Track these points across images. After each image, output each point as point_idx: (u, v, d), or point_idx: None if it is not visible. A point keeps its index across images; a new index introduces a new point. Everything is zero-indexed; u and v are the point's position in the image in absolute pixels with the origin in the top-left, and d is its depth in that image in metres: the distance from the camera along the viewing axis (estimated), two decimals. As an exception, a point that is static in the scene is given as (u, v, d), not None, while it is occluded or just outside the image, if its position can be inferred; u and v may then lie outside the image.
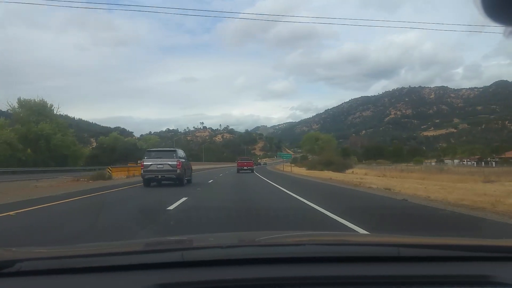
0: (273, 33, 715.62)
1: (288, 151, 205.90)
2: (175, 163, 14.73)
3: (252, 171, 34.52)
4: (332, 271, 1.17)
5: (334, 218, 6.45)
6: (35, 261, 1.25)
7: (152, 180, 14.96)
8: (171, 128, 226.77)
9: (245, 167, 34.61)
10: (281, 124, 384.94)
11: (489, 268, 1.22)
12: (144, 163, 15.00)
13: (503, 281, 1.11)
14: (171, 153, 15.37)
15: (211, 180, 20.12)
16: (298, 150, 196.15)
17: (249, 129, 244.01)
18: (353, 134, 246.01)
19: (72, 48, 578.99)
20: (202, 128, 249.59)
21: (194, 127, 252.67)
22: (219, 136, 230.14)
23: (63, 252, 1.48)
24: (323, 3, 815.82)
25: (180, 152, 16.19)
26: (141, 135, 74.67)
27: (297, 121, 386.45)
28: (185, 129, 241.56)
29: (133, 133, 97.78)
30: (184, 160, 15.81)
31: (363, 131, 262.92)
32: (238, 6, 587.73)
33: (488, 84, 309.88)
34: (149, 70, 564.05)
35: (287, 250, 1.39)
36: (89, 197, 10.81)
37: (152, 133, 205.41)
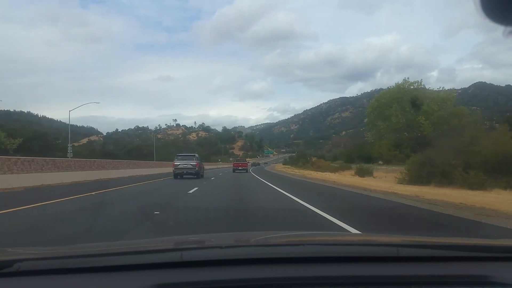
0: (251, 33, 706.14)
1: (270, 150, 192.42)
2: (194, 163, 23.06)
3: (247, 171, 38.04)
4: (331, 271, 1.17)
5: None
6: (34, 261, 1.24)
7: (179, 174, 22.69)
8: (140, 126, 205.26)
9: (240, 167, 38.25)
10: (259, 125, 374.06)
11: (488, 268, 1.21)
12: (175, 163, 23.19)
13: (502, 281, 1.10)
14: (192, 157, 24.28)
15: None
16: (282, 150, 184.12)
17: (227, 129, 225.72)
18: (334, 135, 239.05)
19: (43, 44, 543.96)
20: (175, 125, 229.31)
21: (166, 124, 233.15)
22: (194, 134, 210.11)
23: (62, 252, 1.46)
24: (302, 3, 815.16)
25: (197, 156, 25.38)
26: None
27: (275, 122, 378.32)
28: (156, 127, 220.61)
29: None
30: (199, 161, 24.15)
31: (343, 132, 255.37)
32: (216, 3, 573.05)
33: (464, 86, 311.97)
34: (124, 69, 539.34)
35: (286, 250, 1.38)
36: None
37: (119, 131, 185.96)
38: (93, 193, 12.17)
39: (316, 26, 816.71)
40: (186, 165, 22.61)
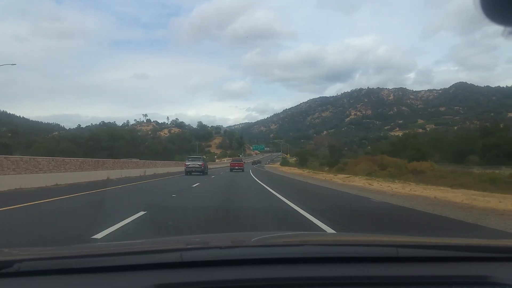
0: (230, 31, 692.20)
1: (260, 144, 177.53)
2: (200, 163, 29.20)
3: (243, 170, 39.18)
4: (331, 272, 1.17)
5: None
6: (34, 261, 1.24)
7: (189, 172, 28.49)
8: (106, 122, 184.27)
9: (236, 167, 40.61)
10: (238, 124, 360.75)
11: (488, 268, 1.21)
12: (186, 163, 29.57)
13: (502, 282, 1.10)
14: (199, 158, 31.37)
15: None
16: (267, 148, 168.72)
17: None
18: (315, 135, 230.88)
19: (11, 39, 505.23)
20: (145, 121, 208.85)
21: (135, 120, 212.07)
22: (166, 131, 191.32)
23: (61, 253, 1.46)
24: (281, 2, 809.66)
25: (203, 158, 33.75)
26: None
27: (254, 121, 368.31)
28: (124, 123, 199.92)
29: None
30: (204, 162, 30.61)
31: (324, 132, 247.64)
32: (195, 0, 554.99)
33: (445, 86, 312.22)
34: (100, 66, 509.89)
35: (286, 251, 1.38)
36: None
37: (83, 127, 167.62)
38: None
39: (295, 25, 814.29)
40: (194, 165, 28.84)
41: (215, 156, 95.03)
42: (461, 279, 1.13)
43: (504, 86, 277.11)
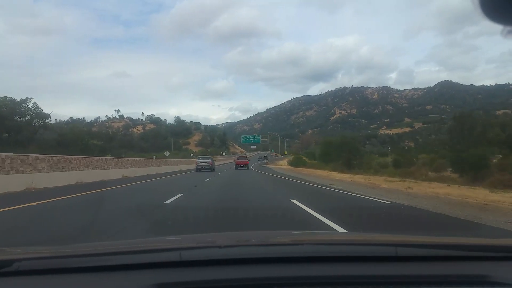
0: (212, 29, 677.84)
1: (238, 147, 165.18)
2: (209, 161, 35.91)
3: (248, 168, 42.10)
4: (330, 271, 1.17)
5: None
6: (33, 260, 1.24)
7: (199, 169, 34.50)
8: (75, 118, 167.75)
9: (241, 165, 43.04)
10: (220, 124, 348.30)
11: (487, 267, 1.21)
12: (197, 161, 36.56)
13: (501, 281, 1.10)
14: (208, 157, 38.35)
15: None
16: (252, 147, 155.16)
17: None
18: (300, 134, 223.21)
19: None
20: (118, 117, 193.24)
21: (107, 116, 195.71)
22: (140, 127, 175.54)
23: (61, 252, 1.46)
24: (265, 0, 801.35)
25: (211, 157, 39.99)
26: None
27: (236, 121, 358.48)
28: (92, 120, 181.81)
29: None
30: (212, 160, 36.93)
31: (310, 130, 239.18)
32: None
33: (430, 85, 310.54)
34: (78, 64, 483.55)
35: (285, 250, 1.38)
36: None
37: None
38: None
39: (279, 24, 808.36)
40: (204, 163, 35.14)
41: (191, 155, 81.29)
42: (460, 278, 1.12)
43: (488, 85, 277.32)
